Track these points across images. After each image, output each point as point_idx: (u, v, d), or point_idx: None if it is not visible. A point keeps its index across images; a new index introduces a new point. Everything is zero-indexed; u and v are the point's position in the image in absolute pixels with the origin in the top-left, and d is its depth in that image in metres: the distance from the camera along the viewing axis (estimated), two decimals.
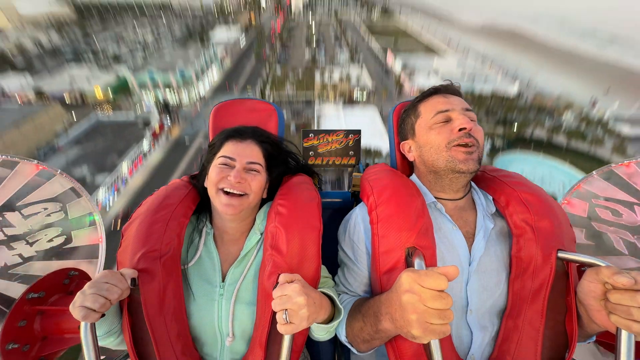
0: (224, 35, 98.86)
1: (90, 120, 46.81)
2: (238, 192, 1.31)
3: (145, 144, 39.80)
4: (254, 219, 1.46)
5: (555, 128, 44.97)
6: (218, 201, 1.32)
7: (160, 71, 57.53)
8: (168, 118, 45.86)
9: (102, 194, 30.70)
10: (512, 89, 58.01)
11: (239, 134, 1.44)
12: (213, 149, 1.44)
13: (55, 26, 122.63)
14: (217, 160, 1.36)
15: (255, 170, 1.37)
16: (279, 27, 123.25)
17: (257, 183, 1.37)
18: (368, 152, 35.73)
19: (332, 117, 44.72)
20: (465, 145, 1.30)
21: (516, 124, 45.82)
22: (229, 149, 1.38)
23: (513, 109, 49.88)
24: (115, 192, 32.50)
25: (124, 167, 35.22)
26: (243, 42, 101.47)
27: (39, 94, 55.19)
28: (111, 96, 57.29)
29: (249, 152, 1.39)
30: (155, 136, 41.84)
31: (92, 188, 31.90)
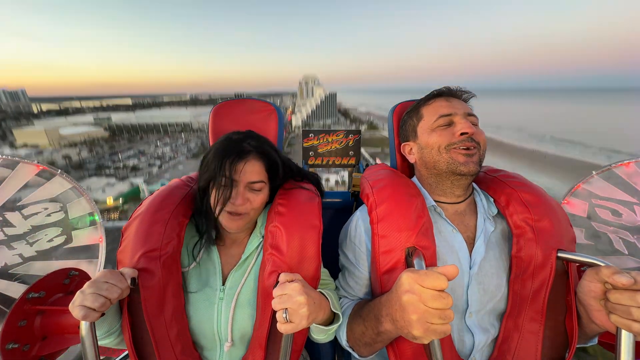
0: None
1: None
2: (241, 213, 1.29)
3: None
4: (256, 222, 1.45)
5: None
6: (221, 219, 1.30)
7: None
8: None
9: None
10: None
11: (239, 153, 1.29)
12: (210, 166, 1.30)
13: (88, 144, 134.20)
14: (218, 181, 1.29)
15: (257, 190, 1.33)
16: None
17: (259, 200, 1.33)
18: None
19: None
20: (466, 149, 1.30)
21: None
22: (232, 170, 1.26)
23: None
24: None
25: None
26: None
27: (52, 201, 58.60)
28: (121, 202, 60.90)
29: (250, 170, 1.29)
30: None
31: None
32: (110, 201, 60.05)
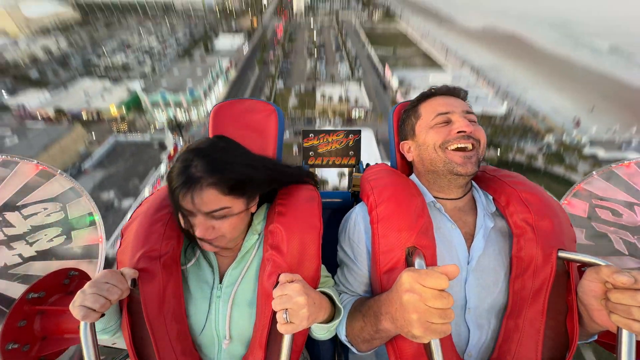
0: (228, 43, 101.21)
1: (109, 142, 50.18)
2: (210, 239, 1.21)
3: (163, 167, 42.74)
4: (251, 221, 1.43)
5: (533, 155, 49.09)
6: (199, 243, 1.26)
7: (171, 92, 60.84)
8: (180, 139, 49.50)
9: (129, 217, 34.77)
10: (501, 110, 62.10)
11: (189, 184, 1.13)
12: (171, 198, 1.21)
13: (62, 30, 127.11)
14: (178, 211, 1.22)
15: (219, 217, 1.18)
16: (281, 32, 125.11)
17: (226, 225, 1.20)
18: None
19: None
20: (464, 150, 1.30)
21: (499, 149, 49.64)
22: (183, 201, 1.15)
23: (499, 133, 54.00)
24: None
25: (146, 191, 37.99)
26: (246, 48, 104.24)
27: (58, 111, 58.77)
28: (125, 112, 60.99)
29: (205, 202, 1.14)
30: (170, 159, 44.78)
31: (120, 212, 35.57)
32: (113, 109, 60.16)
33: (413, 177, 1.54)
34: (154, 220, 1.31)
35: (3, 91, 66.27)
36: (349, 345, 1.31)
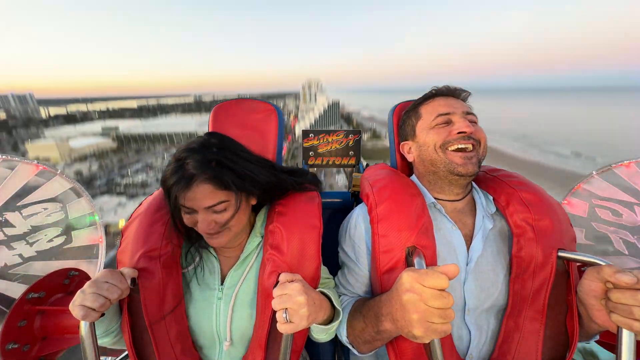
0: None
1: (109, 256, 49.62)
2: (215, 232, 1.21)
3: None
4: (254, 222, 1.44)
5: None
6: (204, 238, 1.26)
7: None
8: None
9: None
10: None
11: (184, 181, 1.12)
12: (168, 199, 1.20)
13: (97, 156, 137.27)
14: (177, 209, 1.21)
15: (220, 211, 1.19)
16: (285, 151, 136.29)
17: (226, 217, 1.20)
18: None
19: None
20: (464, 150, 1.30)
21: None
22: (182, 199, 1.15)
23: None
24: None
25: None
26: None
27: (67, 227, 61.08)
28: None
29: (201, 197, 1.14)
30: None
31: None
32: (122, 223, 60.36)
33: (413, 177, 1.54)
34: (154, 220, 1.30)
35: None
36: (350, 346, 1.31)
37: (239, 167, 1.20)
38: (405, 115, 1.56)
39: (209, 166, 1.13)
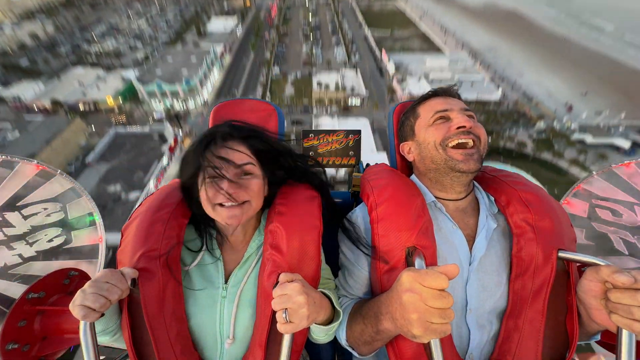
0: (221, 26, 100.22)
1: (110, 134, 50.20)
2: (237, 203, 1.23)
3: (165, 160, 43.24)
4: (259, 220, 1.45)
5: (523, 143, 50.03)
6: (218, 217, 1.25)
7: (167, 82, 60.74)
8: (180, 130, 49.80)
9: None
10: (496, 95, 62.54)
11: (219, 137, 1.25)
12: (190, 163, 1.27)
13: (45, 10, 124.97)
14: (202, 174, 1.24)
15: (249, 173, 1.26)
16: (275, 12, 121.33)
17: (254, 186, 1.26)
18: None
19: (328, 127, 45.75)
20: (464, 147, 1.30)
21: (491, 137, 49.92)
22: (212, 158, 1.21)
23: (492, 120, 55.04)
24: None
25: (151, 184, 38.71)
26: (240, 31, 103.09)
27: (55, 103, 59.10)
28: (121, 103, 61.61)
29: (236, 157, 1.23)
30: (171, 151, 45.22)
31: (128, 205, 35.89)
32: (110, 100, 60.91)
33: (413, 177, 1.54)
34: (154, 220, 1.30)
35: None
36: (350, 349, 1.32)
37: (264, 140, 1.36)
38: (404, 117, 1.57)
39: (242, 132, 1.31)
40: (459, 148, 1.30)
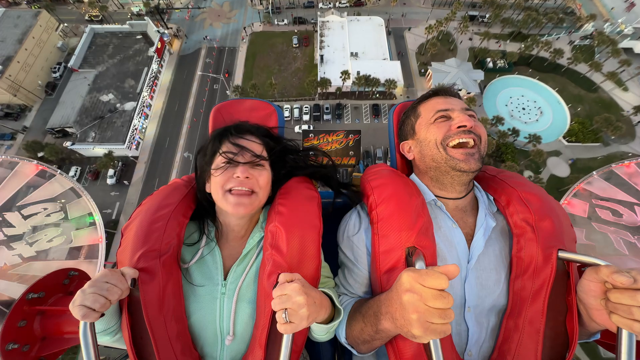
0: None
1: (87, 33, 43.81)
2: (247, 189, 1.29)
3: (154, 66, 39.96)
4: (258, 217, 1.46)
5: (560, 50, 40.28)
6: (226, 203, 1.29)
7: None
8: (165, 30, 44.05)
9: (136, 121, 33.45)
10: None
11: (239, 130, 1.41)
12: (208, 150, 1.39)
13: None
14: (217, 160, 1.32)
15: (260, 165, 1.36)
16: None
17: (264, 178, 1.36)
18: (368, 79, 33.40)
19: (336, 29, 41.54)
20: (465, 146, 1.31)
21: (523, 43, 41.74)
22: (229, 146, 1.34)
23: (530, 20, 43.71)
24: (144, 117, 35.74)
25: (145, 93, 36.71)
26: None
27: None
28: None
29: (252, 147, 1.36)
30: (159, 54, 41.40)
31: (126, 115, 33.90)
32: None
33: (413, 176, 1.54)
34: (153, 220, 1.30)
35: None
36: (349, 347, 1.32)
37: (280, 140, 1.51)
38: (405, 116, 1.57)
39: (257, 131, 1.46)
40: (460, 147, 1.31)
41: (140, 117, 34.22)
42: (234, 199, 1.27)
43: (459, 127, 1.30)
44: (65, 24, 46.87)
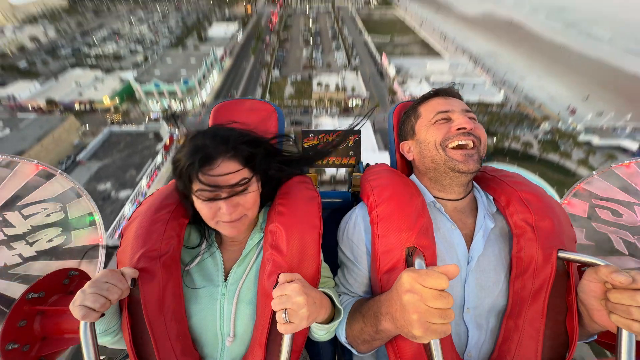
0: (222, 31, 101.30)
1: (104, 133, 49.25)
2: (237, 217, 1.23)
3: (159, 158, 42.44)
4: (257, 217, 1.45)
5: (529, 143, 49.64)
6: (220, 229, 1.27)
7: (165, 82, 60.45)
8: (176, 130, 47.13)
9: (127, 209, 33.87)
10: (498, 97, 62.87)
11: (207, 160, 1.16)
12: (180, 187, 1.27)
13: (48, 16, 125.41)
14: (197, 196, 1.21)
15: (243, 190, 1.22)
16: (276, 19, 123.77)
17: (249, 198, 1.25)
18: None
19: (328, 126, 46.89)
20: (464, 147, 1.30)
21: (495, 137, 50.16)
22: (205, 179, 1.16)
23: (496, 121, 55.54)
24: (137, 205, 37.22)
25: (143, 182, 37.99)
26: (241, 36, 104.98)
27: (50, 102, 58.56)
28: (118, 103, 61.30)
29: (228, 178, 1.17)
30: (166, 149, 44.38)
31: (117, 203, 35.44)
32: (107, 100, 61.16)
33: (413, 177, 1.54)
34: (154, 220, 1.30)
35: None
36: (348, 347, 1.32)
37: (254, 144, 1.30)
38: (405, 116, 1.57)
39: (229, 145, 1.20)
40: (459, 149, 1.31)
41: (132, 205, 34.55)
42: (227, 226, 1.24)
43: (458, 129, 1.30)
44: (87, 127, 52.54)
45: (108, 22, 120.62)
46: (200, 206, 1.21)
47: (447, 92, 1.46)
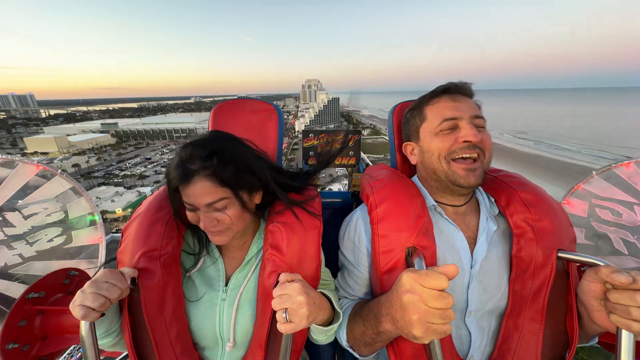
0: None
1: (105, 240, 50.75)
2: (220, 230, 1.22)
3: None
4: (259, 223, 1.44)
5: None
6: (209, 236, 1.26)
7: None
8: None
9: None
10: None
11: (185, 177, 1.14)
12: (172, 190, 1.24)
13: (96, 149, 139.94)
14: (180, 206, 1.25)
15: (221, 208, 1.19)
16: (285, 145, 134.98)
17: (228, 218, 1.20)
18: None
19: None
20: (467, 160, 1.25)
21: None
22: (184, 193, 1.17)
23: None
24: None
25: None
26: None
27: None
28: (129, 212, 63.51)
29: (200, 193, 1.14)
30: None
31: None
32: (119, 211, 63.71)
33: (415, 179, 1.51)
34: (154, 220, 1.30)
35: None
36: (350, 350, 1.31)
37: (242, 164, 1.20)
38: (410, 114, 1.48)
39: (210, 162, 1.13)
40: (463, 161, 1.25)
41: None
42: (211, 235, 1.24)
43: (464, 141, 1.24)
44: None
45: (143, 153, 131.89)
46: (188, 214, 1.22)
47: (457, 89, 1.36)
